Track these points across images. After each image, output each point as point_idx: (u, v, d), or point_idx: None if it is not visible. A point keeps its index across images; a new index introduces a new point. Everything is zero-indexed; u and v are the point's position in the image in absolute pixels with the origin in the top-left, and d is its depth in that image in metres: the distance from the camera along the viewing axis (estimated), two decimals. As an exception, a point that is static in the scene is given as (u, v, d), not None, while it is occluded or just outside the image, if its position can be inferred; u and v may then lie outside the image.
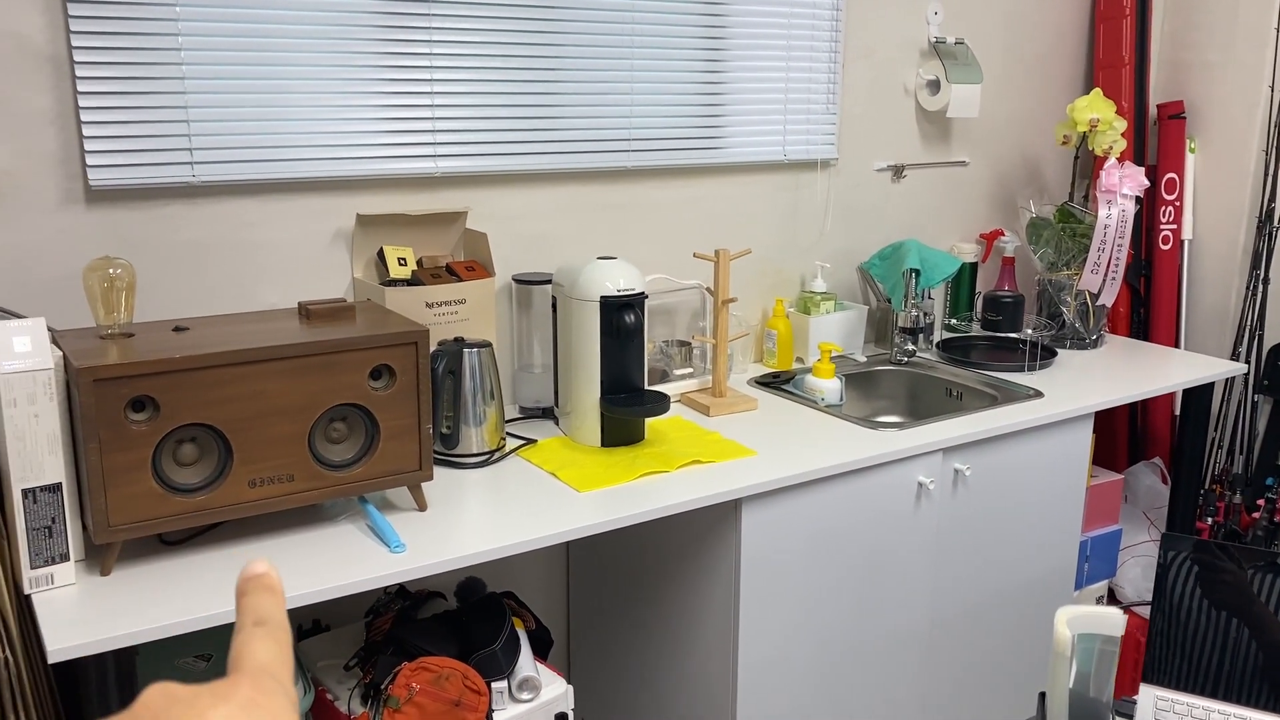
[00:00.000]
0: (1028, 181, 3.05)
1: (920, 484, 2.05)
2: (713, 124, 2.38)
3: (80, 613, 1.35)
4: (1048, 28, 2.98)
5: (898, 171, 2.76)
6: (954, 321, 2.85)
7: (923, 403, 2.51)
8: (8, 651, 1.34)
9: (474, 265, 2.03)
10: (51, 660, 1.26)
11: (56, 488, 1.40)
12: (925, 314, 2.59)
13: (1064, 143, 2.80)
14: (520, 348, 2.19)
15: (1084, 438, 2.33)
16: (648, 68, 2.26)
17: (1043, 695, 1.22)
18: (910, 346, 2.56)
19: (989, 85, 2.88)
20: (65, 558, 1.42)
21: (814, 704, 2.01)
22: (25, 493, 1.38)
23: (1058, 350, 2.66)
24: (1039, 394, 2.30)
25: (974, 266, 2.85)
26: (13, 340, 1.37)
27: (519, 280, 2.14)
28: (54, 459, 1.40)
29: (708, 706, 1.97)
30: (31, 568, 1.40)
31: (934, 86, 2.71)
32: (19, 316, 1.68)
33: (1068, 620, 1.17)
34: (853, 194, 2.69)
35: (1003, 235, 2.93)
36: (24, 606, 1.43)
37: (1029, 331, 2.75)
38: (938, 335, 2.79)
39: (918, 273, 2.53)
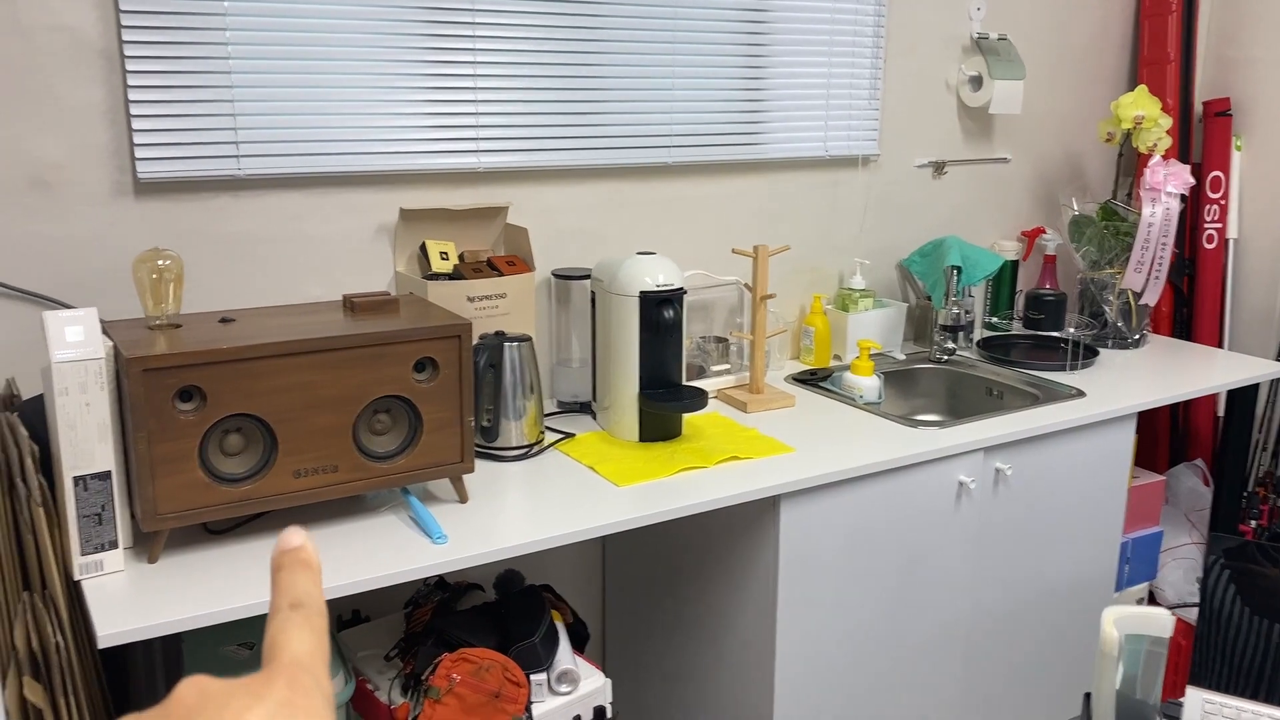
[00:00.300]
0: (1070, 179, 3.02)
1: (961, 483, 2.03)
2: (753, 120, 2.38)
3: (128, 599, 1.37)
4: (1092, 23, 2.94)
5: (938, 168, 2.74)
6: (994, 320, 2.83)
7: (963, 401, 2.49)
8: (59, 636, 1.36)
9: (514, 260, 2.04)
10: (101, 645, 1.28)
11: (106, 475, 1.43)
12: (966, 312, 2.57)
13: (1108, 140, 2.77)
14: (559, 342, 2.20)
15: (1126, 438, 2.31)
16: (689, 64, 2.26)
17: (1088, 696, 1.21)
18: (950, 345, 2.54)
19: (1031, 81, 2.85)
20: (114, 545, 1.44)
21: (852, 702, 2.01)
22: (76, 480, 1.41)
23: (1099, 350, 2.63)
24: (1081, 393, 2.28)
25: (1015, 264, 2.83)
26: (65, 330, 1.39)
27: (558, 275, 2.15)
28: (104, 447, 1.42)
29: (745, 703, 1.97)
30: (82, 554, 1.42)
31: (976, 82, 2.68)
32: (70, 307, 1.71)
33: (1115, 620, 1.16)
34: (893, 190, 2.67)
35: (1044, 233, 2.90)
36: (74, 592, 1.45)
37: (1071, 330, 2.72)
38: (978, 333, 2.77)
39: (959, 270, 2.51)
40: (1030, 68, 2.83)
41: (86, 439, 1.40)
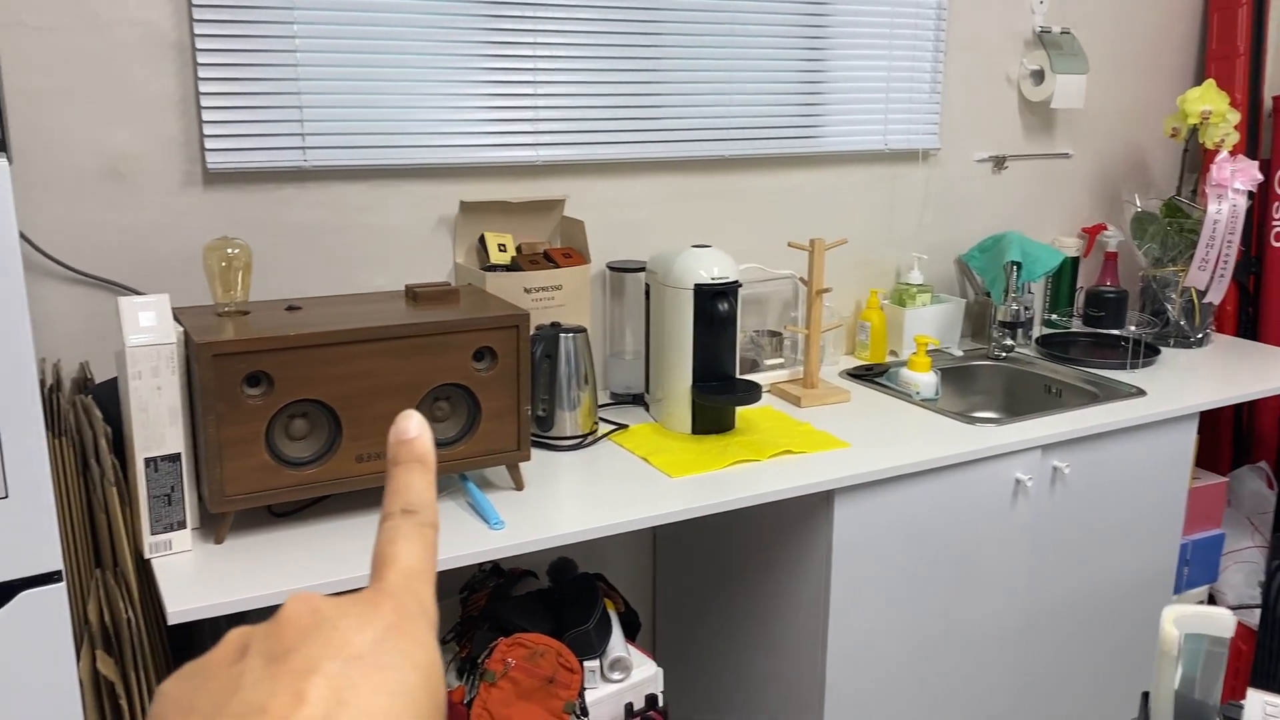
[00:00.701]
0: (1133, 175, 2.97)
1: (1018, 481, 2.01)
2: (812, 113, 2.37)
3: (196, 578, 1.41)
4: (1157, 17, 2.89)
5: (999, 163, 2.71)
6: (1054, 317, 2.79)
7: (1020, 399, 2.46)
8: (129, 612, 1.41)
9: (570, 252, 2.06)
10: (170, 621, 1.32)
11: (176, 458, 1.47)
12: (1025, 308, 2.54)
13: (1173, 135, 2.72)
14: (613, 334, 2.21)
15: (1187, 438, 2.27)
16: (748, 57, 2.26)
17: (1145, 695, 1.20)
18: (1009, 341, 2.51)
19: (1095, 75, 2.80)
20: (182, 525, 1.48)
21: (904, 698, 2.00)
22: (147, 461, 1.45)
23: (1161, 348, 2.59)
24: (1141, 392, 2.25)
25: (1075, 261, 2.79)
26: (138, 315, 1.43)
27: (613, 267, 2.16)
28: (174, 430, 1.46)
29: (796, 696, 1.97)
30: (152, 533, 1.46)
31: (1038, 77, 2.65)
32: (142, 293, 1.76)
33: (1174, 619, 1.14)
34: (952, 185, 2.65)
35: (1106, 229, 2.86)
36: (144, 570, 1.50)
37: (1132, 328, 2.68)
38: (1037, 330, 2.74)
39: (1019, 266, 2.48)
40: (1093, 62, 2.78)
41: (158, 421, 1.44)
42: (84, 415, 1.58)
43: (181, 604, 1.34)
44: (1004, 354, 2.51)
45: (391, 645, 0.33)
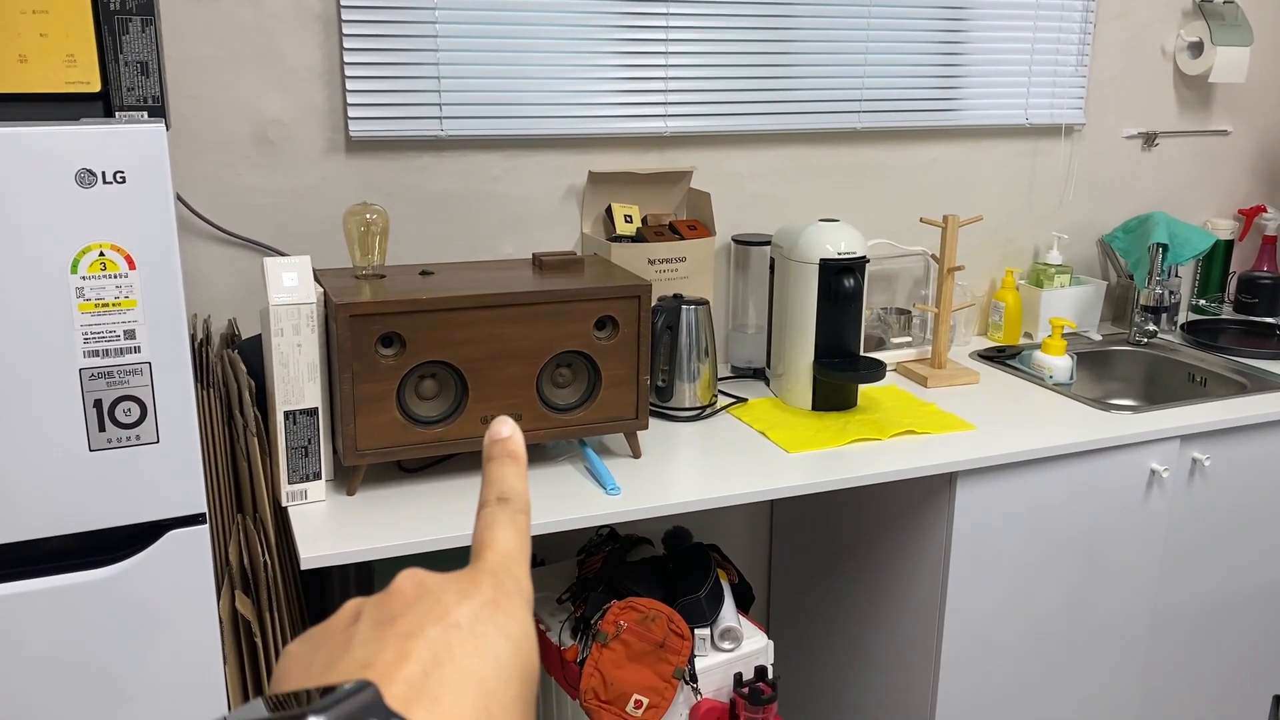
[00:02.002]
0: (1300, 154, 2.79)
1: (1153, 472, 1.93)
2: (950, 85, 2.31)
3: (328, 527, 1.48)
4: (1336, -16, 2.70)
5: (1149, 139, 2.58)
6: (1202, 302, 2.66)
7: (1161, 387, 2.36)
8: (266, 556, 1.49)
9: (696, 224, 2.06)
10: (303, 567, 1.40)
11: (313, 412, 1.54)
12: (1171, 293, 2.42)
13: (1347, 111, 2.54)
14: (736, 307, 2.21)
15: (1346, 436, 2.13)
16: (885, 26, 2.21)
17: (1276, 699, 1.15)
18: (1151, 327, 2.40)
19: (1259, 48, 2.64)
20: (318, 476, 1.56)
21: (1021, 687, 1.96)
22: (287, 415, 1.53)
23: (1322, 339, 2.43)
24: (1296, 385, 2.12)
25: (1229, 244, 2.64)
26: (282, 275, 1.51)
27: (738, 240, 2.16)
28: (312, 386, 1.53)
29: (909, 679, 1.95)
30: (289, 483, 1.54)
31: (1196, 49, 2.51)
32: (286, 255, 1.84)
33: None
34: (1098, 162, 2.54)
35: (1265, 212, 2.70)
36: (281, 517, 1.58)
37: (1289, 317, 2.52)
38: (1183, 316, 2.61)
39: (1165, 248, 2.37)
40: (1258, 33, 2.62)
41: (297, 377, 1.52)
42: (230, 369, 1.68)
43: (314, 550, 1.42)
44: (1145, 340, 2.40)
45: (488, 617, 0.37)
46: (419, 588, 0.37)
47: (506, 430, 0.45)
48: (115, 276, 1.24)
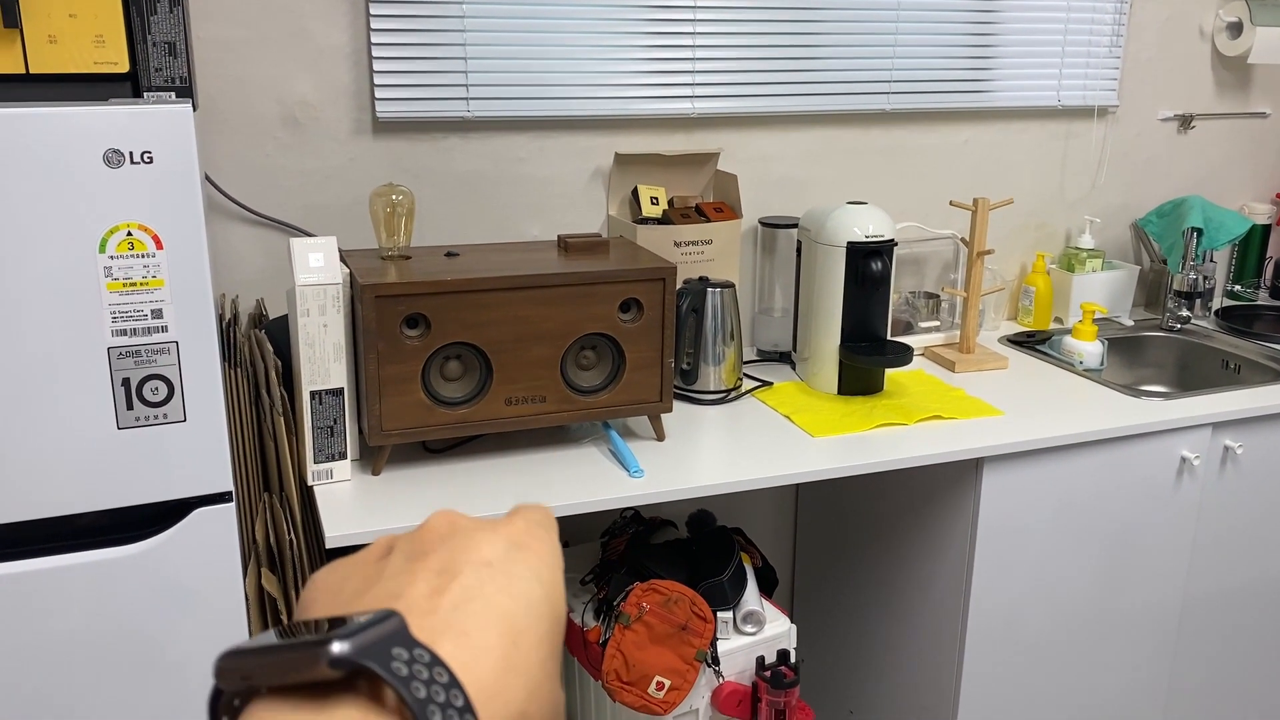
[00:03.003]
0: (1341, 137, 2.73)
1: (1183, 459, 1.91)
2: (981, 66, 2.28)
3: (354, 505, 1.49)
4: (1382, -38, 2.63)
5: (1185, 122, 2.54)
6: (1237, 288, 2.61)
7: (1193, 373, 2.33)
8: (292, 534, 1.51)
9: (722, 206, 2.05)
10: (329, 545, 1.41)
11: (339, 392, 1.55)
12: (1205, 278, 2.39)
13: (1390, 93, 2.48)
14: (762, 291, 2.20)
15: (1384, 425, 2.09)
16: (915, 5, 2.18)
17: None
18: (1185, 312, 2.37)
19: (1303, 27, 2.58)
20: (343, 456, 1.57)
21: (1046, 676, 1.94)
22: (313, 394, 1.54)
23: (1361, 326, 2.39)
24: (1333, 373, 2.08)
25: (1266, 229, 2.60)
26: (308, 256, 1.52)
27: (765, 223, 2.14)
28: (338, 366, 1.54)
29: (932, 666, 1.94)
30: (315, 462, 1.56)
31: (1235, 29, 2.46)
32: (312, 235, 1.85)
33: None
34: (1132, 145, 2.50)
35: (1305, 196, 2.65)
36: (307, 496, 1.60)
37: (1327, 304, 2.48)
38: (1217, 302, 2.57)
39: (1200, 232, 2.33)
40: (1302, 12, 2.56)
41: (323, 357, 1.53)
42: (257, 348, 1.69)
43: (339, 529, 1.43)
44: (1179, 325, 2.37)
45: (519, 559, 0.37)
46: (451, 526, 0.38)
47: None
48: (143, 256, 1.25)
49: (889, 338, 1.95)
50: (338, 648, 0.29)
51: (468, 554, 0.36)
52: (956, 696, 1.88)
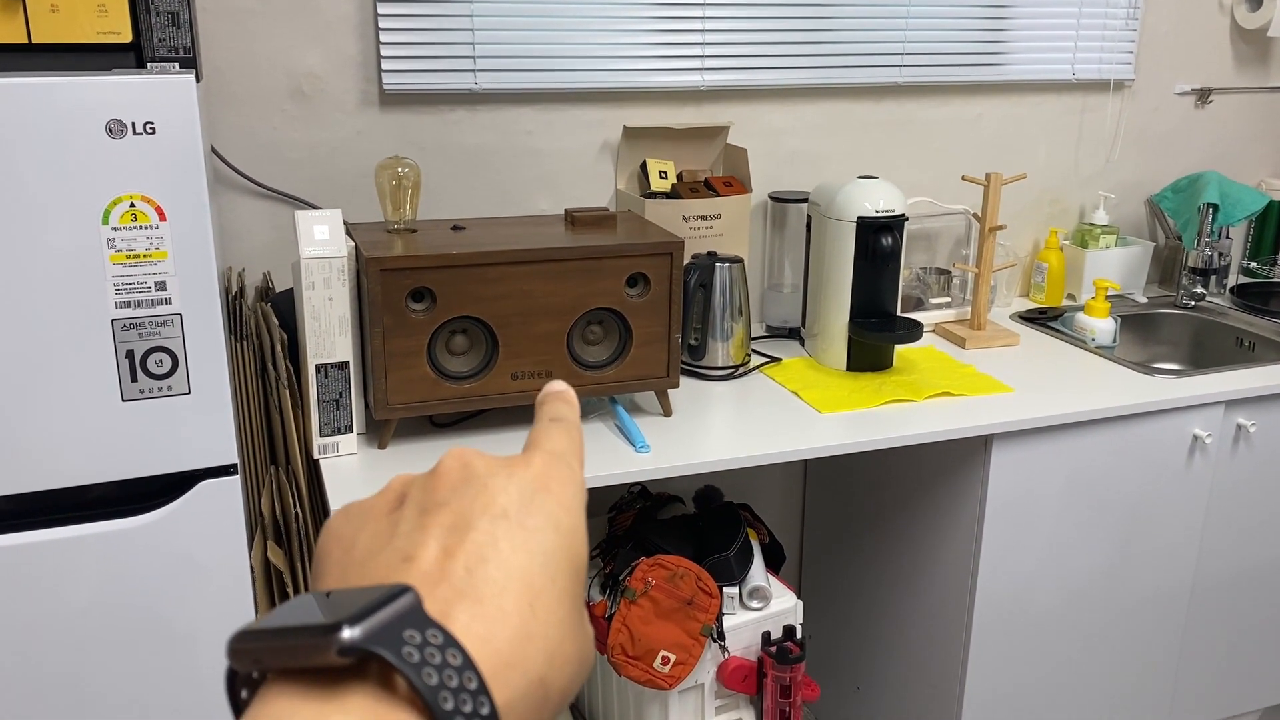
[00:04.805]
0: (1362, 112, 2.69)
1: (1196, 437, 1.89)
2: (995, 38, 2.25)
3: (360, 479, 1.49)
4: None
5: (1203, 96, 2.50)
6: (1253, 265, 2.59)
7: (1207, 351, 2.30)
8: (298, 507, 1.51)
9: (732, 181, 2.04)
10: (335, 518, 1.41)
11: (345, 366, 1.55)
12: (1220, 254, 2.36)
13: None
14: (771, 266, 2.18)
15: (1400, 404, 2.07)
16: (928, -21, 2.15)
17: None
18: (1199, 289, 2.35)
19: (1325, 0, 2.54)
20: (349, 429, 1.57)
21: (1054, 655, 1.94)
22: (319, 368, 1.53)
23: (1378, 304, 2.36)
24: (1349, 351, 2.06)
25: (1284, 205, 2.56)
26: (313, 229, 1.51)
27: (775, 198, 2.12)
28: (344, 340, 1.54)
29: (940, 642, 1.94)
30: (321, 436, 1.56)
31: (1255, 2, 2.42)
32: (318, 208, 1.85)
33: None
34: (1148, 119, 2.47)
35: (1323, 172, 2.61)
36: (313, 469, 1.60)
37: (1344, 281, 2.45)
38: (1233, 279, 2.55)
39: (1216, 208, 2.30)
40: (1324, -16, 2.52)
41: (329, 331, 1.52)
42: (263, 322, 1.69)
43: (345, 502, 1.42)
44: (1193, 302, 2.35)
45: (537, 506, 0.35)
46: (465, 470, 0.36)
47: (560, 385, 0.45)
48: (146, 228, 1.25)
49: (899, 314, 1.94)
50: (348, 634, 0.28)
51: (483, 505, 0.34)
52: (963, 673, 1.88)
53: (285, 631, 0.30)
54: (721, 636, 1.65)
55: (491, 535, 0.34)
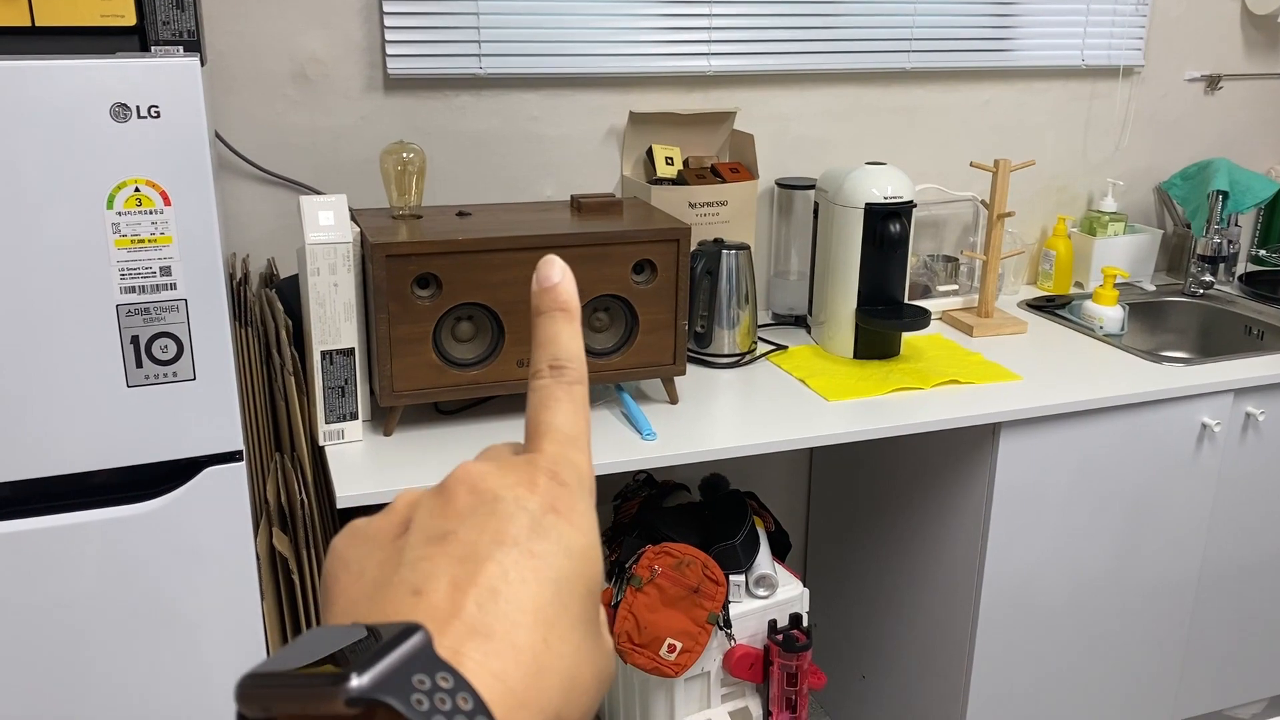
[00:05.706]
0: (1373, 98, 2.67)
1: (1204, 425, 1.88)
2: (1003, 23, 2.23)
3: (365, 466, 1.49)
4: None
5: (1213, 82, 2.48)
6: (1262, 253, 2.57)
7: (1215, 339, 2.29)
8: (303, 494, 1.50)
9: (738, 167, 2.02)
10: (340, 505, 1.41)
11: (350, 352, 1.54)
12: (1230, 242, 2.35)
13: None
14: (778, 253, 2.17)
15: None
16: (937, -37, 2.14)
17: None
18: (1208, 277, 2.33)
19: (1336, -15, 2.52)
20: (354, 416, 1.56)
21: (1060, 645, 1.93)
22: (324, 354, 1.53)
23: (1388, 293, 2.35)
24: (1359, 339, 2.05)
25: (1294, 193, 2.54)
26: (318, 214, 1.50)
27: (782, 184, 2.11)
28: (349, 326, 1.53)
29: (946, 631, 1.93)
30: (326, 422, 1.55)
31: (1267, -14, 2.40)
32: (322, 193, 1.83)
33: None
34: (1157, 106, 2.45)
35: (1334, 159, 2.59)
36: (318, 456, 1.59)
37: (1354, 269, 2.44)
38: (1241, 267, 2.53)
39: (1225, 195, 2.29)
40: (1336, -31, 2.50)
41: (334, 317, 1.51)
42: (268, 308, 1.68)
43: (351, 489, 1.42)
44: (1201, 290, 2.33)
45: (547, 530, 0.34)
46: (473, 495, 0.35)
47: (556, 274, 0.41)
48: (151, 212, 1.24)
49: (906, 301, 1.93)
50: (355, 684, 0.28)
51: (490, 535, 0.33)
52: (969, 661, 1.88)
53: (294, 677, 0.29)
54: (728, 624, 1.65)
55: (502, 567, 0.33)
